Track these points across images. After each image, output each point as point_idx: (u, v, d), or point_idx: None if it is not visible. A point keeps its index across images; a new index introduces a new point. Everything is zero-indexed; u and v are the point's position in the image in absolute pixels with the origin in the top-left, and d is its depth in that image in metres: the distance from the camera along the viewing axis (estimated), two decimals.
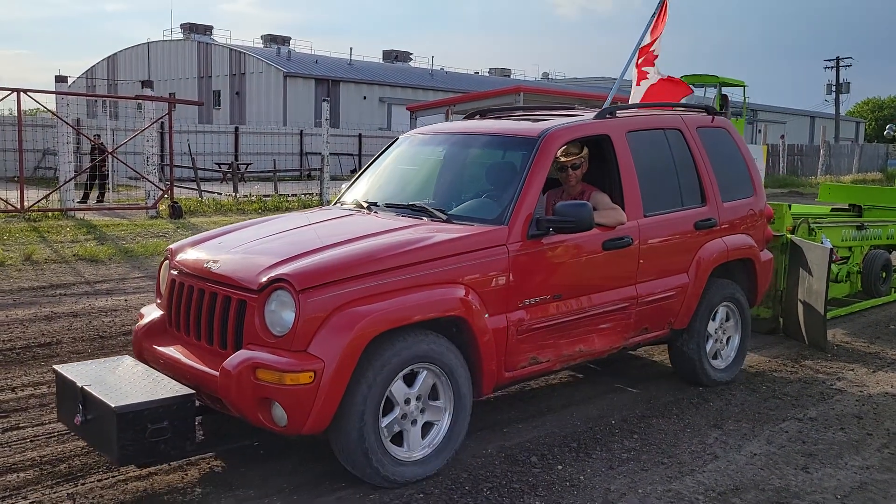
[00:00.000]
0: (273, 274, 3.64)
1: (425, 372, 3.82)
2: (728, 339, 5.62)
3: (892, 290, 8.79)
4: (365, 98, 43.80)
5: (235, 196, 17.19)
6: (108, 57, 53.57)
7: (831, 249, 6.54)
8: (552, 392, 5.33)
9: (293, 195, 17.26)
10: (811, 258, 6.46)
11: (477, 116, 5.82)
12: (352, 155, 31.23)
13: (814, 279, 6.39)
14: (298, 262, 3.74)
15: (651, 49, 7.71)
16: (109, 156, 15.84)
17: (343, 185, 5.59)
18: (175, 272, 4.21)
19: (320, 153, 29.29)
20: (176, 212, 14.06)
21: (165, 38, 50.80)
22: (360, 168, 31.53)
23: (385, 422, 3.70)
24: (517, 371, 4.25)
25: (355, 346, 3.49)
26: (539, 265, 4.25)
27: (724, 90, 20.56)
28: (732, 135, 5.77)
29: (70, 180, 13.98)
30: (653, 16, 8.13)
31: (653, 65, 7.87)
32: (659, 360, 6.03)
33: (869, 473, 4.13)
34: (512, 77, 57.02)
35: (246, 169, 25.27)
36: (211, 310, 3.84)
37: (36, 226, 12.27)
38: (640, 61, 7.75)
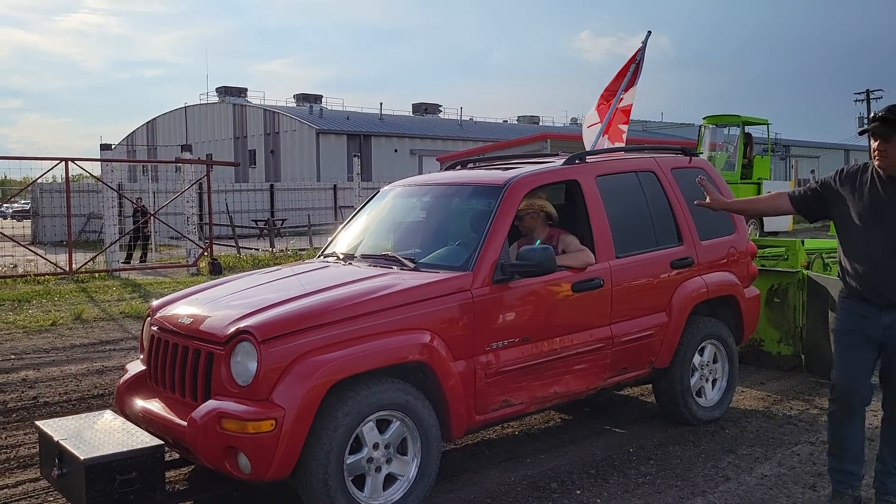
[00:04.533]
0: (238, 326, 3.82)
1: (398, 422, 3.93)
2: (714, 376, 5.65)
3: None
4: (396, 151, 44.73)
5: (272, 251, 17.74)
6: (148, 122, 55.49)
7: None
8: (575, 424, 5.59)
9: None
10: (835, 293, 6.53)
11: (458, 167, 6.05)
12: None
13: None
14: (263, 314, 3.92)
15: (624, 105, 7.69)
16: (152, 217, 16.51)
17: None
18: (155, 328, 4.40)
19: (353, 206, 29.79)
20: (215, 268, 14.62)
21: (202, 102, 52.53)
22: None
23: (350, 459, 3.79)
24: (489, 414, 4.35)
25: (315, 394, 3.64)
26: (505, 309, 4.38)
27: (749, 129, 20.81)
28: (711, 175, 5.85)
29: (115, 242, 14.63)
30: (633, 67, 8.14)
31: (627, 122, 7.87)
32: None
33: (875, 491, 4.32)
34: (541, 124, 57.75)
35: (282, 224, 26.01)
36: (184, 363, 4.04)
37: (84, 286, 12.87)
38: (616, 116, 7.75)
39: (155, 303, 4.73)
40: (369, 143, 44.32)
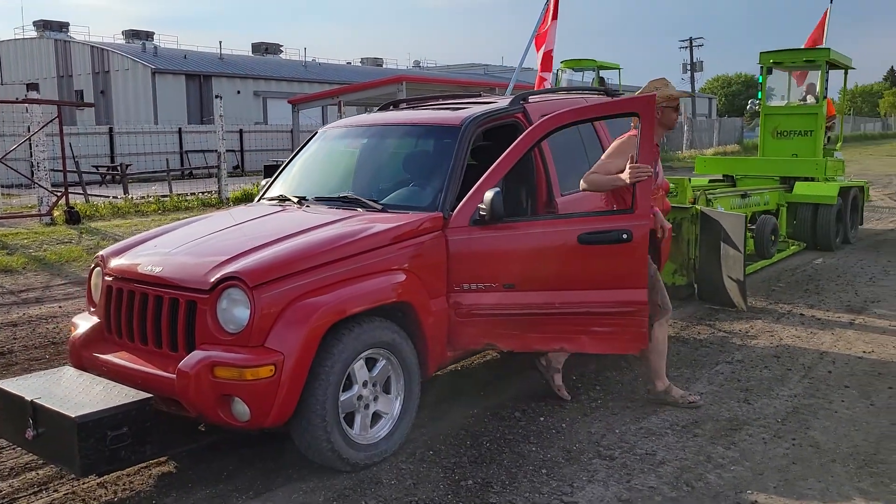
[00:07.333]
0: (223, 272, 3.73)
1: (384, 361, 4.01)
2: None
3: (777, 250, 9.80)
4: (239, 92, 42.95)
5: (128, 198, 16.77)
6: None
7: (745, 217, 7.22)
8: (509, 358, 5.79)
9: (192, 194, 17.03)
10: (728, 226, 7.08)
11: (391, 108, 6.05)
12: (234, 151, 30.73)
13: (731, 246, 7.05)
14: (246, 259, 3.84)
15: (551, 51, 8.08)
16: None
17: (249, 182, 5.53)
18: (110, 278, 4.21)
19: (203, 150, 28.59)
20: (73, 217, 13.66)
21: (17, 37, 48.08)
22: (243, 165, 31.12)
23: (343, 397, 3.82)
24: (458, 353, 4.52)
25: (313, 337, 3.65)
26: (476, 252, 4.34)
27: (602, 73, 21.65)
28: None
29: None
30: (544, 8, 8.57)
31: (550, 70, 8.30)
32: None
33: (798, 400, 4.85)
34: (384, 66, 57.21)
35: (126, 170, 24.57)
36: (157, 313, 3.90)
37: None
38: (540, 64, 8.15)
39: (104, 252, 4.47)
40: (210, 83, 42.29)
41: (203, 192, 17.32)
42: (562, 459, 4.04)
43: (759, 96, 12.63)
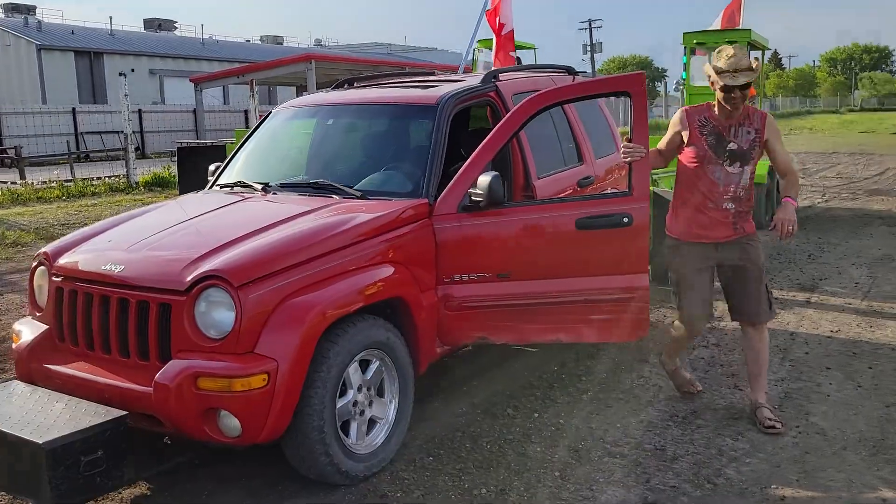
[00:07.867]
0: (201, 270, 3.33)
1: (377, 362, 3.70)
2: None
3: None
4: (133, 70, 40.81)
5: (26, 184, 15.63)
6: None
7: None
8: (485, 349, 5.53)
9: (98, 179, 16.02)
10: None
11: (346, 86, 5.66)
12: (134, 132, 29.20)
13: None
14: (224, 254, 3.44)
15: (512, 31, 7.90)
16: None
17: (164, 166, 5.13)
18: (59, 279, 3.73)
19: (101, 132, 27.10)
20: None
21: None
22: (144, 147, 29.69)
23: (339, 404, 3.49)
24: (447, 349, 4.27)
25: (310, 339, 3.31)
26: (466, 240, 4.05)
27: (519, 53, 21.58)
28: None
29: None
30: None
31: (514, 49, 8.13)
32: None
33: (787, 384, 4.78)
34: (285, 45, 55.73)
35: (20, 153, 22.99)
36: (123, 318, 3.46)
37: None
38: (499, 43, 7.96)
39: (48, 248, 3.93)
40: (101, 61, 40.15)
41: (110, 177, 16.34)
42: (572, 459, 3.82)
43: (684, 76, 12.76)
